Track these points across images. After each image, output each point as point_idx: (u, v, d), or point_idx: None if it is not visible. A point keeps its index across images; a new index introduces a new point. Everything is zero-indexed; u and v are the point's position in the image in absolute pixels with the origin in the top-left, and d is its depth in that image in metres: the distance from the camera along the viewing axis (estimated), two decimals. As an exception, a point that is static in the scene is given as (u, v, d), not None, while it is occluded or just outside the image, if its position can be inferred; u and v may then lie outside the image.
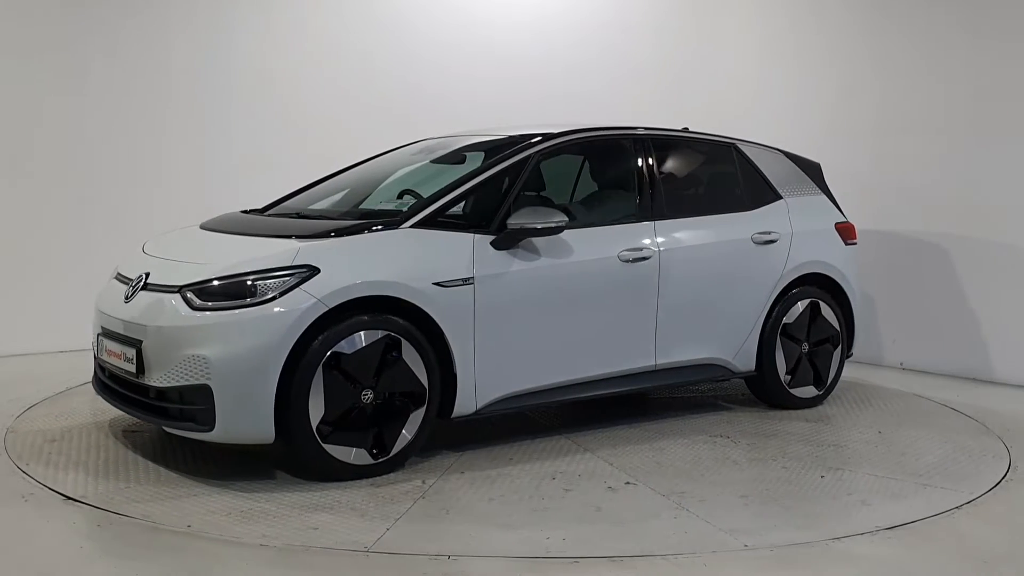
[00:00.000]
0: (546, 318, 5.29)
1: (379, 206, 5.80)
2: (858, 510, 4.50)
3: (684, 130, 6.45)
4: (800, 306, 6.32)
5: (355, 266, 4.76)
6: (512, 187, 5.34)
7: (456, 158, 6.03)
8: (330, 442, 4.65)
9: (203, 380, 4.49)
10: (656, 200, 5.84)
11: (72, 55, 7.63)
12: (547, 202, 5.85)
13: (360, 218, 5.30)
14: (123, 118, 7.82)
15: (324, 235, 4.89)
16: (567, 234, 5.43)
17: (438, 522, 4.21)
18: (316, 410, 4.58)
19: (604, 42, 9.20)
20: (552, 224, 5.16)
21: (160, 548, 3.84)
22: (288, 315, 4.51)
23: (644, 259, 5.61)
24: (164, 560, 3.73)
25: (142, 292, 4.87)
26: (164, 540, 3.92)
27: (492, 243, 5.14)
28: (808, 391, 6.41)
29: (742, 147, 6.42)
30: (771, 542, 4.07)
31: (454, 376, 4.99)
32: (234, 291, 4.59)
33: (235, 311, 4.53)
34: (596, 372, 5.52)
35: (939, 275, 7.60)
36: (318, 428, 4.60)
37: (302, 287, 4.57)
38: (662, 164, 5.99)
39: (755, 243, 6.13)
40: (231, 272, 4.67)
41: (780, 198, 6.42)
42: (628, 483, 4.78)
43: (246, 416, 4.50)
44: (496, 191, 5.33)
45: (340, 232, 4.91)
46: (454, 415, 5.05)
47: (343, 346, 4.65)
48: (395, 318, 4.79)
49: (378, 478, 4.73)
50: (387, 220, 5.06)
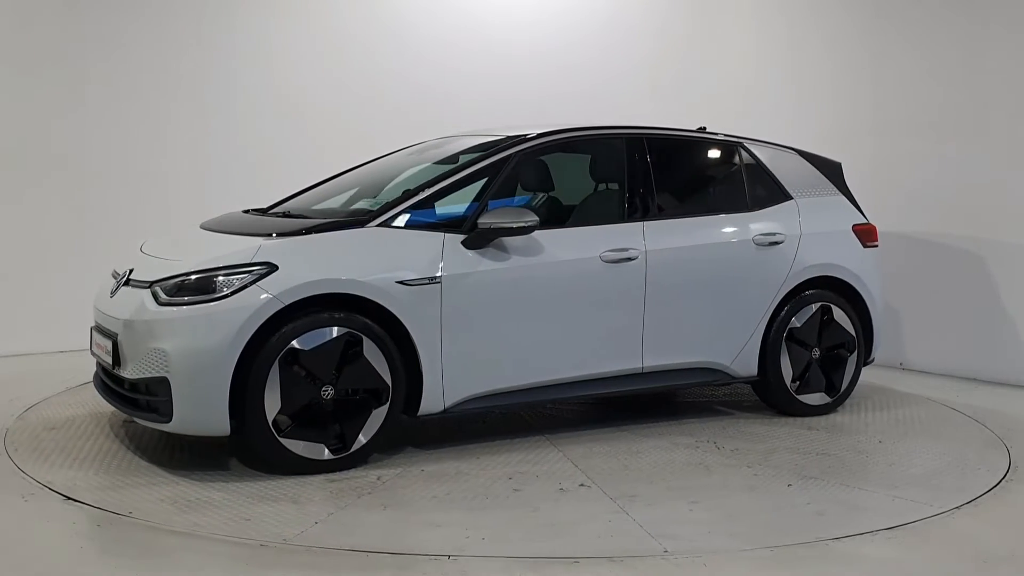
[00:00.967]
0: (519, 318, 5.26)
1: (371, 206, 5.86)
2: (810, 520, 4.34)
3: (701, 130, 6.34)
4: (809, 310, 6.12)
5: (313, 264, 4.84)
6: (489, 187, 5.33)
7: (457, 159, 6.03)
8: (287, 436, 4.73)
9: (163, 372, 4.64)
10: (647, 201, 5.75)
11: (73, 55, 7.64)
12: (555, 202, 5.84)
13: (347, 217, 5.33)
14: (124, 118, 7.84)
15: (289, 233, 4.99)
16: (548, 234, 5.41)
17: (369, 517, 4.24)
18: (272, 405, 4.67)
19: (605, 42, 9.10)
20: (522, 224, 5.14)
21: (160, 548, 3.86)
22: (243, 311, 4.61)
23: (629, 260, 5.52)
24: (164, 560, 3.75)
25: (123, 287, 5.05)
26: (163, 540, 3.92)
27: (463, 242, 5.14)
28: (818, 398, 6.20)
29: (750, 146, 6.26)
30: (694, 548, 3.98)
31: (420, 374, 5.02)
32: (195, 287, 4.73)
33: (194, 307, 4.66)
34: (577, 373, 5.46)
35: (939, 275, 7.47)
36: (275, 422, 4.69)
37: (258, 284, 4.67)
38: (657, 164, 5.87)
39: (757, 245, 5.97)
40: (193, 269, 4.80)
41: (790, 199, 6.24)
42: (582, 485, 4.73)
43: (202, 408, 4.62)
44: (471, 191, 5.33)
45: (306, 231, 5.00)
46: (420, 413, 5.07)
47: (301, 342, 4.72)
48: (356, 316, 4.84)
49: (337, 473, 4.80)
50: (354, 219, 5.12)
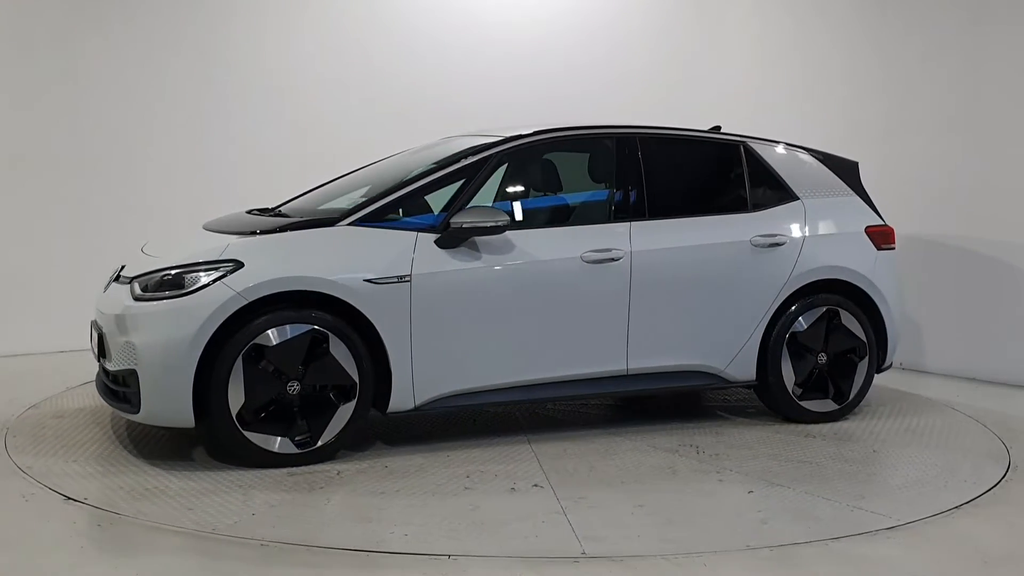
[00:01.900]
0: (493, 318, 5.26)
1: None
2: (750, 527, 4.23)
3: (715, 129, 6.23)
4: (813, 314, 5.95)
5: (277, 262, 4.94)
6: (467, 187, 5.35)
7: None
8: (252, 430, 4.85)
9: (132, 365, 4.82)
10: (636, 201, 5.68)
11: (72, 56, 7.70)
12: (540, 202, 5.83)
13: (321, 216, 5.43)
14: (124, 118, 7.88)
15: (262, 232, 5.11)
16: (528, 234, 5.41)
17: (306, 510, 4.32)
18: (236, 399, 4.79)
19: (606, 42, 9.01)
20: (493, 224, 5.14)
21: (160, 548, 3.88)
22: (207, 307, 4.75)
23: (613, 260, 5.47)
24: (164, 560, 3.77)
25: (114, 283, 5.26)
26: (164, 540, 3.94)
27: (436, 242, 5.18)
28: (823, 404, 6.02)
29: (754, 146, 6.11)
30: (611, 551, 3.93)
31: (390, 372, 5.07)
32: (165, 283, 4.89)
33: (162, 302, 4.83)
34: (556, 374, 5.43)
35: (938, 275, 7.30)
36: (239, 416, 4.81)
37: (223, 281, 4.80)
38: (650, 164, 5.79)
39: (754, 246, 5.83)
40: (165, 265, 4.97)
41: (796, 199, 6.07)
42: (536, 485, 4.71)
43: (166, 400, 4.77)
44: (448, 191, 5.36)
45: (279, 229, 5.12)
46: (390, 410, 5.13)
47: (265, 338, 4.83)
48: (322, 313, 4.92)
49: (303, 467, 4.88)
50: (326, 218, 5.21)
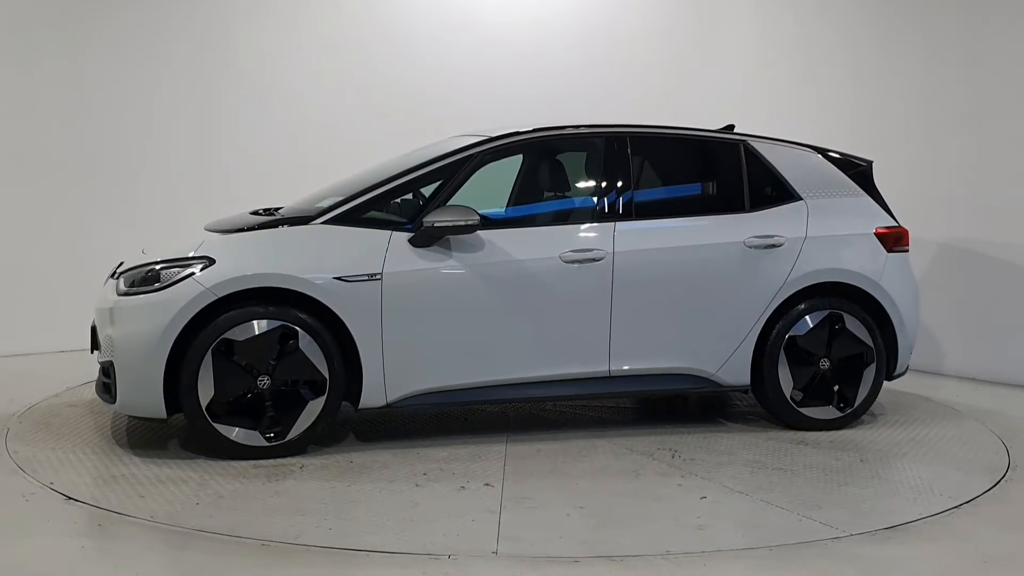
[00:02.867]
0: (467, 317, 5.28)
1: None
2: (683, 533, 4.16)
3: (728, 128, 6.12)
4: (814, 318, 5.77)
5: (248, 259, 5.07)
6: (444, 187, 5.38)
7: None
8: (222, 423, 4.99)
9: (111, 357, 5.02)
10: (622, 201, 5.61)
11: (73, 57, 7.73)
12: (522, 202, 5.83)
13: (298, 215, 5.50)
14: (124, 118, 7.91)
15: (239, 230, 5.26)
16: (507, 233, 5.43)
17: (248, 502, 4.41)
18: (206, 392, 4.94)
19: (607, 42, 8.87)
20: (463, 223, 5.16)
21: (160, 548, 3.90)
22: (177, 302, 4.91)
23: (594, 261, 5.42)
24: (164, 560, 3.81)
25: (111, 279, 5.49)
26: (164, 539, 3.96)
27: (410, 240, 5.23)
28: (825, 412, 5.82)
29: (755, 145, 5.95)
30: (522, 552, 3.91)
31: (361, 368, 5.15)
32: (143, 279, 5.08)
33: (139, 296, 5.02)
34: (534, 374, 5.41)
35: (938, 275, 7.09)
36: (209, 408, 4.95)
37: (194, 277, 4.96)
38: (639, 164, 5.73)
39: (749, 247, 5.69)
40: (147, 262, 5.16)
41: (799, 199, 5.90)
42: (487, 485, 4.71)
43: (139, 392, 4.95)
44: (426, 190, 5.41)
45: (257, 226, 5.26)
46: (361, 406, 5.21)
47: (235, 333, 4.97)
48: (292, 309, 5.03)
49: (271, 459, 4.99)
50: (301, 216, 5.32)
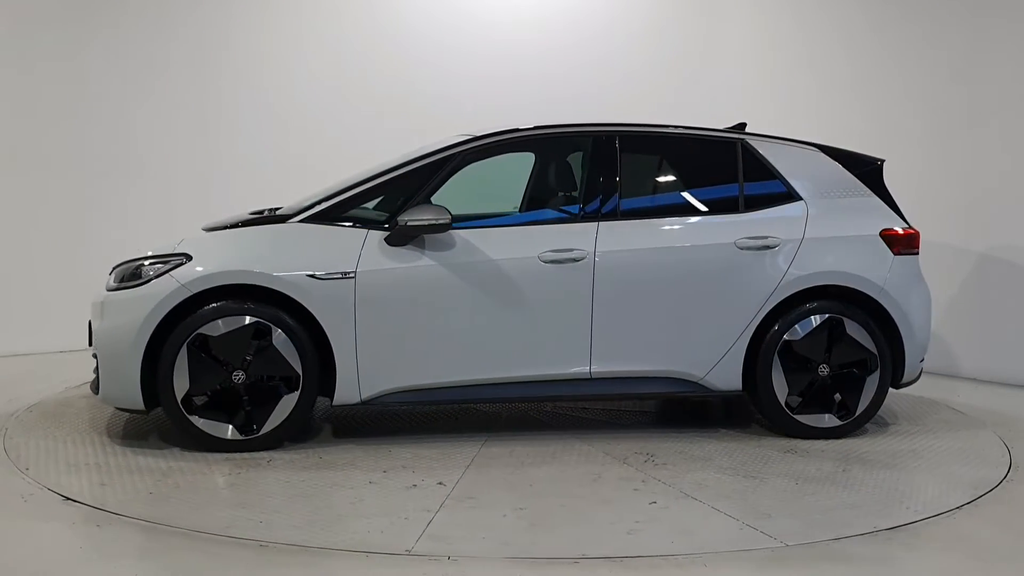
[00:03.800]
0: (442, 316, 5.28)
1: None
2: (614, 537, 4.10)
3: (740, 126, 5.99)
4: (811, 322, 5.58)
5: (222, 256, 5.19)
6: (424, 186, 5.40)
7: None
8: (197, 415, 5.11)
9: (96, 350, 5.20)
10: (607, 200, 5.52)
11: (73, 57, 7.74)
12: (502, 201, 5.80)
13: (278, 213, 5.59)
14: (124, 118, 7.93)
15: (220, 228, 5.38)
16: (486, 233, 5.41)
17: (198, 493, 4.52)
18: (181, 385, 5.07)
19: (608, 42, 8.70)
20: (433, 221, 5.17)
21: (159, 548, 3.91)
22: (153, 297, 5.06)
23: (574, 261, 5.35)
24: (163, 560, 3.80)
25: (109, 276, 5.69)
26: (163, 540, 3.97)
27: (386, 239, 5.27)
28: (823, 419, 5.62)
29: (753, 143, 5.78)
30: (436, 551, 3.89)
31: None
32: (126, 274, 5.25)
33: (122, 292, 5.19)
34: (511, 374, 5.37)
35: (938, 275, 6.76)
36: (185, 401, 5.08)
37: (170, 273, 5.10)
38: (627, 163, 5.62)
39: (740, 248, 5.53)
40: (129, 259, 5.33)
41: (799, 199, 5.71)
42: (440, 484, 4.70)
43: (119, 384, 5.11)
44: (403, 190, 5.43)
45: (239, 224, 5.38)
46: (336, 402, 5.27)
47: (209, 329, 5.09)
48: (266, 306, 5.12)
49: (245, 453, 5.09)
50: (280, 215, 5.41)
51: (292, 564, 3.77)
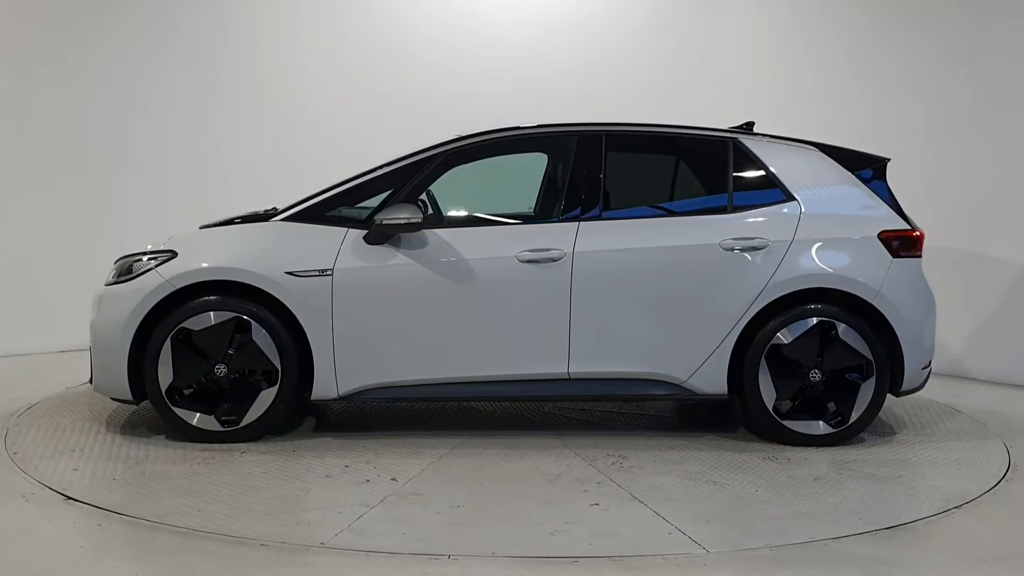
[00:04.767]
0: (417, 314, 5.33)
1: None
2: (535, 537, 4.10)
3: (748, 125, 5.89)
4: (800, 326, 5.43)
5: (205, 253, 5.37)
6: (404, 186, 5.47)
7: None
8: (180, 406, 5.31)
9: (90, 341, 5.45)
10: (589, 200, 5.48)
11: (74, 57, 7.76)
12: (483, 201, 5.81)
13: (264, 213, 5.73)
14: (124, 118, 7.94)
15: (209, 226, 5.57)
16: (464, 233, 5.45)
17: (154, 482, 4.68)
18: (166, 377, 5.27)
19: (608, 42, 8.52)
20: (405, 220, 5.23)
21: (160, 548, 3.93)
22: (139, 292, 5.27)
23: (552, 260, 5.34)
24: (164, 560, 3.82)
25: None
26: (164, 539, 3.99)
27: (364, 238, 5.36)
28: (814, 427, 5.47)
29: (747, 142, 5.65)
30: (355, 546, 3.94)
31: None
32: (122, 270, 5.48)
33: (115, 286, 5.42)
34: (487, 373, 5.38)
35: (938, 275, 6.44)
36: (169, 393, 5.28)
37: (157, 269, 5.30)
38: (612, 163, 5.56)
39: (726, 249, 5.42)
40: (127, 254, 5.57)
41: (791, 200, 5.56)
42: (393, 479, 4.76)
43: (109, 375, 5.34)
44: (385, 189, 5.51)
45: (224, 222, 5.55)
46: (314, 397, 5.37)
47: (191, 323, 5.27)
48: (246, 302, 5.28)
49: (225, 444, 5.25)
50: (265, 214, 5.56)
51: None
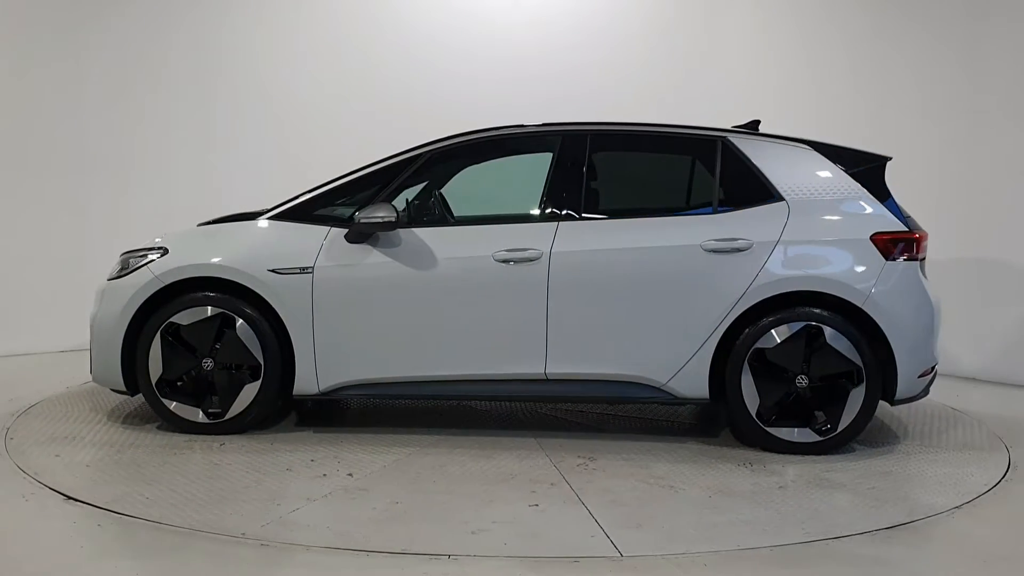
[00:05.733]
0: (396, 312, 5.39)
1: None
2: (456, 536, 4.10)
3: (754, 124, 5.80)
4: (784, 330, 5.27)
5: (192, 251, 5.55)
6: (386, 186, 5.54)
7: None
8: (170, 398, 5.50)
9: (90, 333, 5.70)
10: (568, 200, 5.44)
11: (73, 57, 7.79)
12: (464, 201, 5.84)
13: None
14: (123, 118, 7.98)
15: (202, 225, 5.76)
16: (443, 232, 5.50)
17: (122, 470, 4.86)
18: (155, 369, 5.47)
19: (608, 42, 8.35)
20: (380, 219, 5.30)
21: (161, 548, 3.94)
22: (132, 288, 5.49)
23: (529, 260, 5.33)
24: (164, 560, 3.83)
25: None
26: (165, 539, 4.00)
27: (345, 236, 5.45)
28: (800, 434, 5.30)
29: (735, 141, 5.51)
30: (280, 539, 4.01)
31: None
32: (119, 266, 5.71)
33: (114, 281, 5.65)
34: (465, 372, 5.40)
35: (938, 274, 6.24)
36: (160, 385, 5.48)
37: (148, 266, 5.51)
38: (595, 163, 5.52)
39: (707, 251, 5.30)
40: (129, 249, 5.80)
41: (779, 200, 5.40)
42: (349, 475, 4.83)
43: (105, 367, 5.57)
44: (369, 189, 5.58)
45: (214, 221, 5.73)
46: (296, 392, 5.49)
47: (179, 318, 5.46)
48: (231, 298, 5.43)
49: (214, 435, 5.43)
50: (253, 213, 5.71)
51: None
